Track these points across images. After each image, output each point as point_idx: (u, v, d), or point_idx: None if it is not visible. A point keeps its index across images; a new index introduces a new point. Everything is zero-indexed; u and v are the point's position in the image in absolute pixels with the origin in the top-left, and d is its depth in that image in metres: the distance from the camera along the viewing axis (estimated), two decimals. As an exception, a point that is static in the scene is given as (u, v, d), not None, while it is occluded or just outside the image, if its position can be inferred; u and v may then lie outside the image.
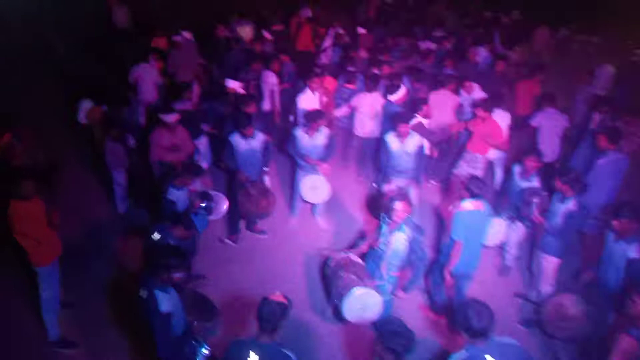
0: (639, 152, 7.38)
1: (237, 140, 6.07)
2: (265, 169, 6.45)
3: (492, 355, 3.11)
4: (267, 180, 6.99)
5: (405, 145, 6.19)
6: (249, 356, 3.18)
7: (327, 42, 10.51)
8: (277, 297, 3.34)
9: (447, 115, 7.50)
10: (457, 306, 3.25)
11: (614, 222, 4.41)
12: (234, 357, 3.25)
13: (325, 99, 7.65)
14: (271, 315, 3.24)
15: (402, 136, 6.16)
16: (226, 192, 6.19)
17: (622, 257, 4.38)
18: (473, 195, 4.87)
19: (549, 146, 7.24)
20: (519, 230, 5.91)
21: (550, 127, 7.20)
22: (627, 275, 4.30)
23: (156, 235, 4.58)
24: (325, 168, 6.40)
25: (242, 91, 7.74)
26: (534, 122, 7.28)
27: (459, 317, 3.18)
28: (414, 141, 6.21)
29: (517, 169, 5.84)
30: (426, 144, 6.99)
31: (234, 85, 7.69)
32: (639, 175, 7.45)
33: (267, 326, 3.25)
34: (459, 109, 7.63)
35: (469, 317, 3.12)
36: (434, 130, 7.13)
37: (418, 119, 6.78)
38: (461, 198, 4.96)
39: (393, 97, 7.15)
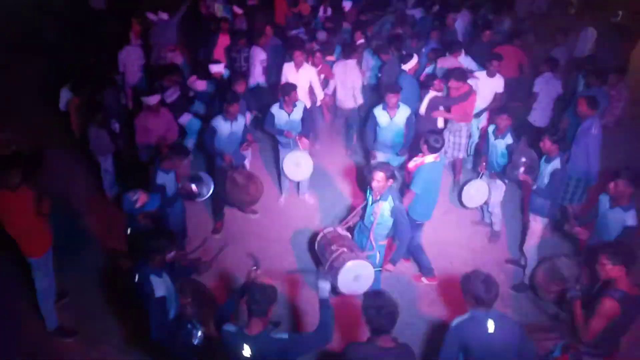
0: (622, 118, 7.44)
1: (220, 123, 5.94)
2: (245, 153, 6.37)
3: (492, 320, 3.29)
4: (247, 164, 6.85)
5: (395, 119, 6.14)
6: (243, 349, 3.18)
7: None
8: (265, 279, 3.33)
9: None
10: (469, 276, 3.38)
11: (610, 185, 4.40)
12: (230, 348, 3.25)
13: (322, 75, 7.45)
14: (261, 299, 3.20)
15: (391, 108, 6.11)
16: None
17: (618, 224, 4.36)
18: (432, 149, 5.07)
19: (543, 112, 7.24)
20: (499, 189, 5.99)
21: (547, 92, 7.19)
22: (624, 242, 4.24)
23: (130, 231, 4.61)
24: (305, 142, 6.34)
25: (225, 72, 7.60)
26: (536, 88, 7.23)
27: (469, 286, 3.33)
28: (404, 113, 6.16)
29: (491, 128, 5.94)
30: (440, 119, 6.87)
31: (217, 69, 7.49)
32: (624, 142, 7.57)
33: (257, 310, 3.22)
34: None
35: (478, 287, 3.28)
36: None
37: (432, 94, 6.63)
38: (422, 153, 5.16)
39: (406, 67, 6.95)
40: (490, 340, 3.27)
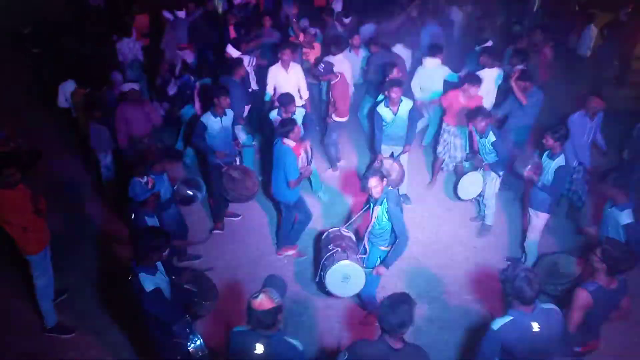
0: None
1: (209, 120, 5.81)
2: (237, 148, 6.30)
3: (536, 321, 3.17)
4: (238, 159, 6.65)
5: (399, 114, 6.13)
6: (255, 348, 3.10)
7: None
8: (265, 302, 3.08)
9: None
10: (508, 275, 3.22)
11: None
12: (240, 348, 3.17)
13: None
14: (263, 321, 3.08)
15: (394, 104, 6.08)
16: (203, 179, 6.04)
17: (616, 223, 4.39)
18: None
19: None
20: (494, 181, 5.98)
21: None
22: (626, 239, 4.26)
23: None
24: (306, 145, 6.16)
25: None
26: None
27: (509, 286, 3.18)
28: (406, 106, 6.13)
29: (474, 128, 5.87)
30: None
31: (234, 52, 7.32)
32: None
33: (263, 326, 3.11)
34: None
35: (520, 286, 3.14)
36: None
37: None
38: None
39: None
40: (535, 338, 3.17)
